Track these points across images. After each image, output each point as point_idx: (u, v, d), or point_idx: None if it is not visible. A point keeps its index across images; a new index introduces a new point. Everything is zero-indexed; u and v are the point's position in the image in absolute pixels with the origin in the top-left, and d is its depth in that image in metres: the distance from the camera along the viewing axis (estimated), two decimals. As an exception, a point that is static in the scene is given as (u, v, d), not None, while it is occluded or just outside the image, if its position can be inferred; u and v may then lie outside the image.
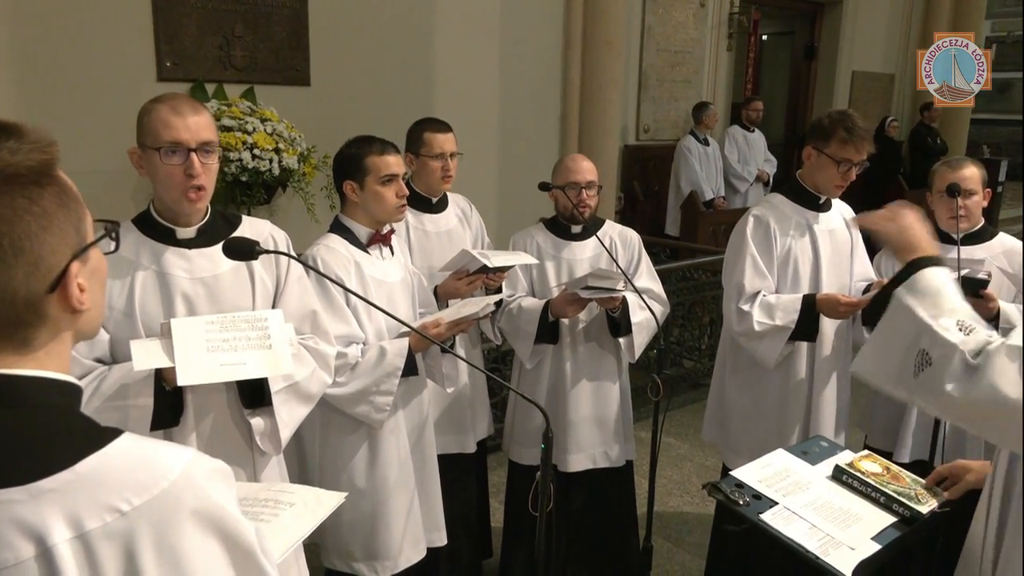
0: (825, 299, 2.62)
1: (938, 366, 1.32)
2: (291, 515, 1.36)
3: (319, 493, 1.46)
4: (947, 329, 1.34)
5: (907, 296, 1.44)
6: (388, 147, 2.36)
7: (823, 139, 2.64)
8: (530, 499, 1.72)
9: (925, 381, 1.34)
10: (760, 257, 2.70)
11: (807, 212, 2.76)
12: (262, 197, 4.21)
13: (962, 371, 1.28)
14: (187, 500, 0.82)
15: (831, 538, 1.73)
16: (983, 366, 1.26)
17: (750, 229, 2.73)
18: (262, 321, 1.74)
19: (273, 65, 4.61)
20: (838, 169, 2.62)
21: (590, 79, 6.08)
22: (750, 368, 2.81)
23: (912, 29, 9.81)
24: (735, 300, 2.71)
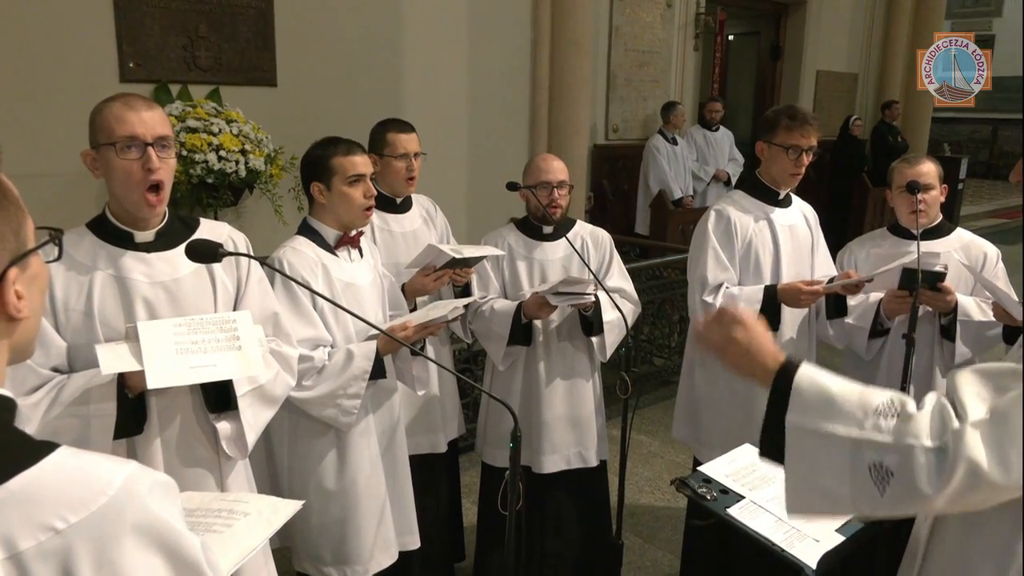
0: (787, 288, 2.68)
1: (903, 472, 1.17)
2: (245, 525, 1.33)
3: (275, 502, 1.44)
4: (880, 430, 1.20)
5: (809, 422, 1.25)
6: (354, 147, 2.35)
7: (770, 130, 2.73)
8: (500, 499, 1.72)
9: (898, 494, 1.18)
10: (722, 250, 2.75)
11: (767, 207, 2.82)
12: (229, 199, 4.18)
13: (932, 462, 1.15)
14: (127, 515, 0.79)
15: (796, 530, 1.76)
16: (953, 452, 1.14)
17: (712, 223, 2.78)
18: (231, 323, 1.73)
19: (239, 66, 4.57)
20: (788, 156, 2.69)
21: (559, 79, 6.11)
22: (717, 362, 2.84)
23: (874, 30, 9.98)
24: (699, 293, 2.76)
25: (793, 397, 1.28)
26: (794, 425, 1.27)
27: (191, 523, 1.30)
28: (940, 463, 1.14)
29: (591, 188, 7.05)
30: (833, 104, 9.69)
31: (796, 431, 1.26)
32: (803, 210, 2.93)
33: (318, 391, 2.23)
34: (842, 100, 9.84)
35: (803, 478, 1.27)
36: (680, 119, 7.16)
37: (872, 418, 1.20)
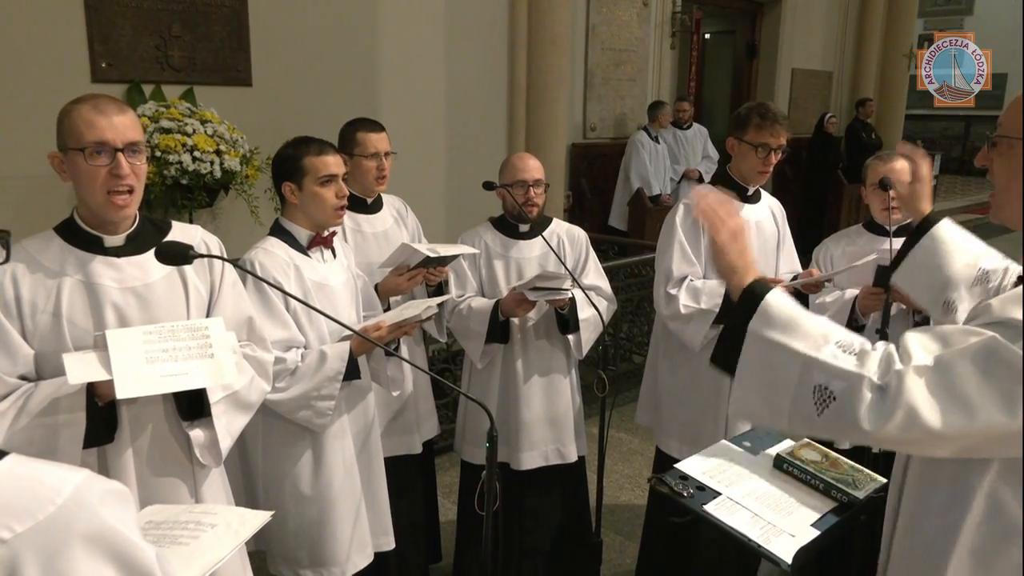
0: None
1: (845, 400, 1.23)
2: (212, 537, 1.32)
3: (243, 513, 1.43)
4: (836, 357, 1.26)
5: (768, 331, 1.32)
6: (326, 147, 2.33)
7: (741, 128, 2.75)
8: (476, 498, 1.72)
9: (832, 418, 1.25)
10: (688, 244, 2.77)
11: (737, 203, 2.83)
12: (204, 200, 4.14)
13: (874, 399, 1.21)
14: (77, 525, 0.78)
15: (772, 526, 1.77)
16: (894, 391, 1.20)
17: (679, 217, 2.81)
18: (203, 330, 1.70)
19: (213, 65, 4.52)
20: (757, 154, 2.72)
21: (536, 78, 6.11)
22: (680, 351, 2.87)
23: (848, 28, 10.08)
24: (663, 285, 2.79)
25: (761, 308, 1.34)
26: (755, 332, 1.33)
27: (157, 536, 1.29)
28: (881, 401, 1.20)
29: (569, 187, 7.07)
30: (808, 102, 9.78)
31: (755, 338, 1.33)
32: (771, 206, 2.97)
33: (291, 393, 2.21)
34: (817, 98, 9.93)
35: (750, 383, 1.35)
36: (666, 119, 7.23)
37: (831, 346, 1.27)
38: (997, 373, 1.17)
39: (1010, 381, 1.16)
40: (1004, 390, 1.17)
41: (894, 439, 1.21)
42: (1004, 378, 1.17)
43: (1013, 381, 1.16)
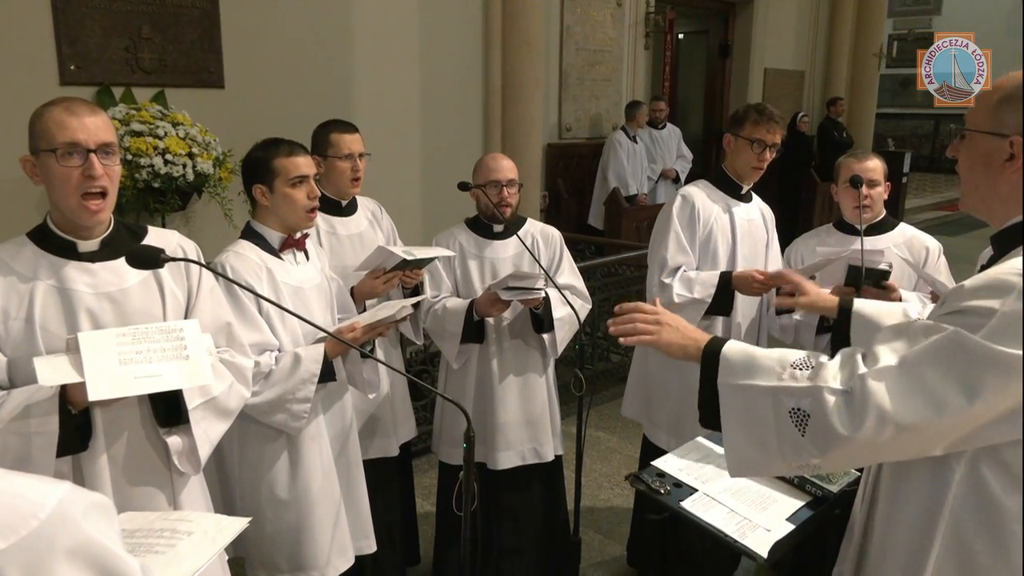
0: (741, 275, 2.75)
1: (816, 412, 1.30)
2: (189, 544, 1.30)
3: (219, 520, 1.42)
4: (796, 379, 1.33)
5: (735, 379, 1.40)
6: (296, 148, 2.32)
7: (739, 124, 2.83)
8: (454, 499, 1.72)
9: (815, 433, 1.30)
10: (684, 234, 2.82)
11: (729, 199, 2.91)
12: (177, 204, 4.10)
13: (841, 403, 1.27)
14: (61, 539, 0.77)
15: (748, 521, 1.79)
16: (860, 394, 1.25)
17: (677, 208, 2.86)
18: (177, 331, 1.68)
19: (184, 67, 4.48)
20: (752, 149, 2.79)
21: (511, 79, 6.12)
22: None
23: (819, 28, 10.20)
24: (657, 273, 2.83)
25: (722, 362, 1.44)
26: (723, 384, 1.42)
27: (132, 545, 1.27)
28: (848, 404, 1.26)
29: (546, 187, 7.08)
30: (781, 101, 9.87)
31: (725, 389, 1.42)
32: (761, 208, 3.03)
33: (266, 396, 2.20)
34: (789, 97, 10.04)
35: (736, 433, 1.41)
36: (643, 118, 7.28)
37: (789, 370, 1.35)
38: (957, 363, 1.21)
39: (970, 369, 1.21)
40: (964, 380, 1.21)
41: (873, 441, 1.25)
42: (965, 367, 1.21)
43: (975, 369, 1.20)
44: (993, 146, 1.37)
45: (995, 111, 1.37)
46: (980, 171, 1.40)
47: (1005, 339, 1.19)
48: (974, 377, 1.20)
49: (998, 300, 1.22)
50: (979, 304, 1.23)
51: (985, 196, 1.42)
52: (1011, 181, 1.37)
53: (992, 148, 1.37)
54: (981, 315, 1.22)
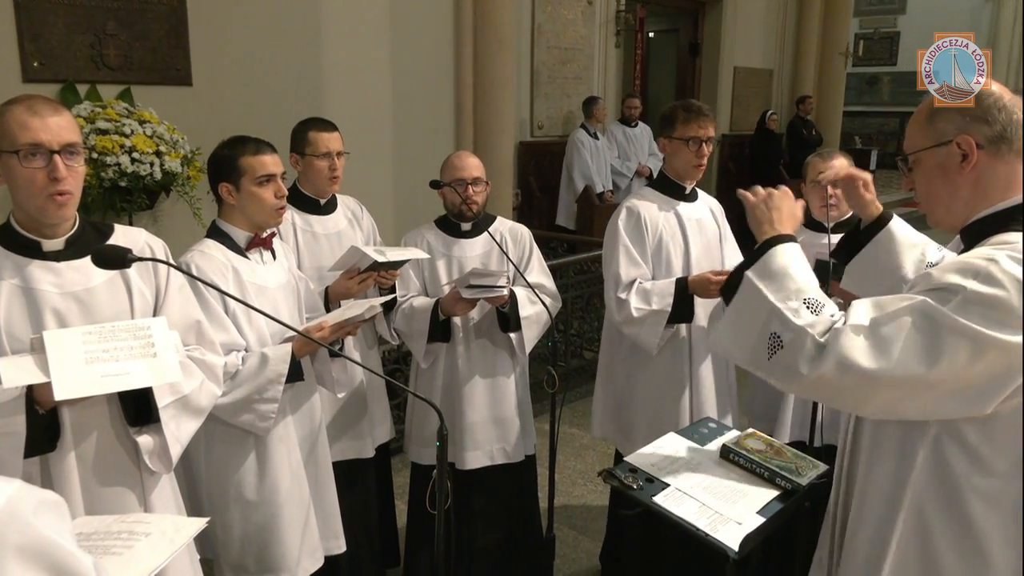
0: (697, 280, 2.74)
1: (789, 349, 1.37)
2: (146, 546, 1.29)
3: (177, 520, 1.41)
4: (796, 312, 1.39)
5: (756, 278, 1.47)
6: (263, 146, 2.30)
7: (669, 126, 2.80)
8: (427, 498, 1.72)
9: (777, 363, 1.39)
10: (633, 246, 2.79)
11: (674, 202, 2.88)
12: (144, 203, 4.04)
13: (813, 351, 1.34)
14: (10, 537, 0.76)
15: (719, 515, 1.81)
16: (830, 344, 1.33)
17: (622, 221, 2.83)
18: (144, 329, 1.66)
19: (151, 64, 4.41)
20: (689, 148, 2.77)
21: (482, 77, 6.11)
22: (634, 355, 2.89)
23: (787, 27, 10.32)
24: (613, 290, 2.80)
25: (763, 257, 1.50)
26: (747, 277, 1.48)
27: (88, 547, 1.26)
28: (817, 351, 1.34)
29: (518, 185, 7.09)
30: (750, 99, 9.98)
31: (746, 282, 1.48)
32: (709, 204, 3.01)
33: (233, 397, 2.18)
34: (759, 95, 10.15)
35: (733, 319, 1.51)
36: (602, 113, 7.25)
37: (797, 301, 1.41)
38: (922, 328, 1.29)
39: (933, 336, 1.28)
40: (926, 343, 1.28)
41: (825, 384, 1.35)
42: (927, 333, 1.29)
43: (935, 336, 1.28)
44: (943, 156, 1.45)
45: (929, 126, 1.47)
46: (939, 183, 1.48)
47: (968, 315, 1.27)
48: (934, 341, 1.28)
49: (966, 280, 1.29)
50: (949, 282, 1.30)
51: (949, 204, 1.49)
52: (971, 179, 1.44)
53: (943, 158, 1.45)
54: (950, 291, 1.29)
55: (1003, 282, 1.27)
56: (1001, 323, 1.26)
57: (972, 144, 1.41)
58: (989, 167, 1.42)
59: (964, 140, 1.41)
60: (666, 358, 2.85)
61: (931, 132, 1.46)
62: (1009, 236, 1.38)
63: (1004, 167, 1.43)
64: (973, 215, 1.46)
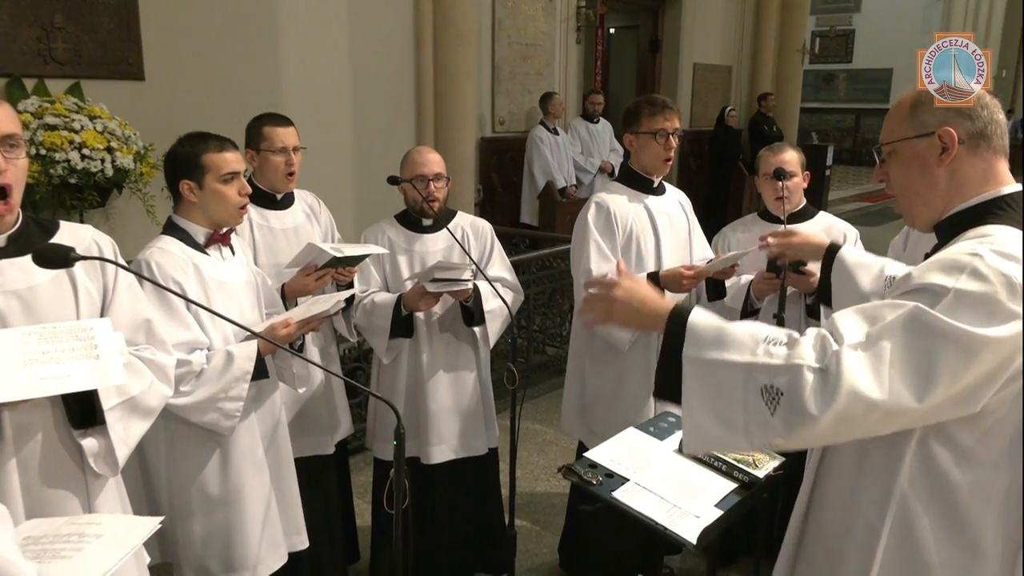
0: (668, 274, 2.75)
1: (791, 392, 1.26)
2: (97, 547, 1.26)
3: (130, 520, 1.37)
4: (771, 355, 1.30)
5: (704, 353, 1.34)
6: (226, 144, 2.26)
7: (634, 121, 2.80)
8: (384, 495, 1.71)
9: (786, 414, 1.27)
10: (604, 242, 2.78)
11: (643, 196, 2.88)
12: (95, 200, 3.95)
13: (817, 383, 1.25)
14: None
15: (678, 508, 1.82)
16: (832, 370, 1.24)
17: (591, 216, 2.82)
18: (87, 331, 1.61)
19: (100, 58, 4.31)
20: (657, 141, 2.77)
21: (443, 72, 6.08)
22: (606, 352, 2.90)
23: (746, 24, 10.44)
24: (585, 287, 2.78)
25: (688, 332, 1.36)
26: (690, 357, 1.35)
27: (37, 551, 1.22)
28: (823, 383, 1.24)
29: (480, 181, 7.07)
30: (710, 95, 10.08)
31: (692, 363, 1.35)
32: (678, 198, 3.01)
33: (197, 396, 2.14)
34: (718, 91, 10.25)
35: (698, 409, 1.35)
36: (559, 109, 7.26)
37: (763, 345, 1.31)
38: (922, 339, 1.25)
39: (932, 346, 1.25)
40: (927, 356, 1.25)
41: (844, 420, 1.25)
42: (927, 343, 1.25)
43: (935, 346, 1.25)
44: (924, 147, 1.45)
45: (912, 117, 1.47)
46: (917, 175, 1.47)
47: (958, 315, 1.25)
48: (933, 352, 1.24)
49: (953, 278, 1.28)
50: (935, 282, 1.29)
51: (927, 197, 1.48)
52: (948, 173, 1.45)
53: (923, 149, 1.45)
54: (937, 292, 1.28)
55: (989, 277, 1.27)
56: (991, 317, 1.25)
57: (954, 137, 1.41)
58: (966, 162, 1.43)
59: (946, 132, 1.42)
60: (637, 354, 2.86)
61: (913, 123, 1.46)
62: (986, 229, 1.39)
63: (981, 163, 1.44)
64: (949, 209, 1.47)
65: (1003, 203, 1.43)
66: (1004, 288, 1.26)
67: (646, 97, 2.84)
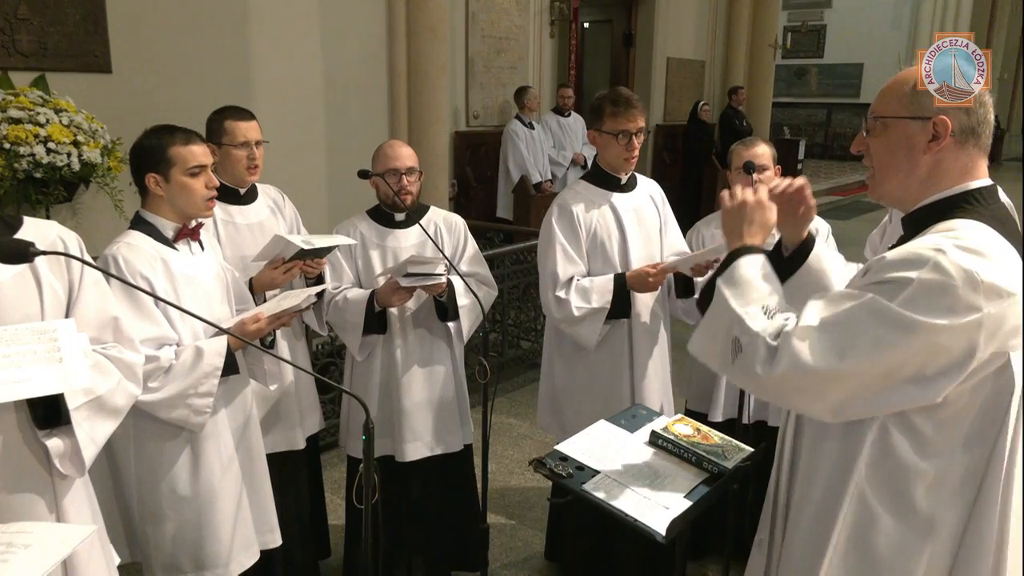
0: (634, 276, 2.76)
1: (746, 352, 1.42)
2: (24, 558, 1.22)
3: (63, 529, 1.34)
4: (753, 317, 1.43)
5: (723, 287, 1.51)
6: (192, 136, 2.24)
7: (598, 119, 2.77)
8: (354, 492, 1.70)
9: (738, 367, 1.45)
10: (568, 244, 2.78)
11: (609, 193, 2.87)
12: (62, 195, 3.88)
13: (766, 354, 1.39)
14: None
15: (648, 500, 1.84)
16: (781, 346, 1.37)
17: (555, 218, 2.81)
18: (50, 332, 1.58)
19: (66, 51, 4.23)
20: (619, 141, 2.74)
21: (416, 66, 6.06)
22: (575, 350, 2.90)
23: (719, 18, 10.51)
24: (551, 289, 2.77)
25: (730, 267, 1.54)
26: (718, 286, 1.54)
27: None
28: (770, 356, 1.39)
29: (454, 175, 7.05)
30: (683, 90, 10.13)
31: (717, 291, 1.54)
32: (649, 191, 2.99)
33: (166, 392, 2.12)
34: (691, 86, 10.31)
35: (706, 325, 1.57)
36: (534, 103, 7.27)
37: (756, 307, 1.46)
38: (871, 325, 1.32)
39: (882, 331, 1.31)
40: (874, 340, 1.31)
41: (782, 385, 1.40)
42: (876, 329, 1.31)
43: (885, 331, 1.31)
44: (915, 129, 1.46)
45: (912, 98, 1.47)
46: (902, 156, 1.48)
47: (917, 307, 1.29)
48: (884, 338, 1.31)
49: (915, 271, 1.31)
50: (898, 275, 1.33)
51: (904, 180, 1.50)
52: (932, 161, 1.46)
53: (914, 132, 1.46)
54: (900, 284, 1.31)
55: (950, 271, 1.29)
56: (950, 310, 1.29)
57: (948, 127, 1.43)
58: (952, 154, 1.45)
59: (941, 121, 1.43)
60: (606, 352, 2.87)
61: (912, 103, 1.46)
62: (953, 223, 1.41)
63: (964, 158, 1.46)
64: (924, 198, 1.49)
65: (972, 197, 1.45)
66: (965, 282, 1.29)
67: (610, 94, 2.76)
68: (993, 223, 1.41)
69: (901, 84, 1.49)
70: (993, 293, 1.30)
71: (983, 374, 1.37)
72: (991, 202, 1.46)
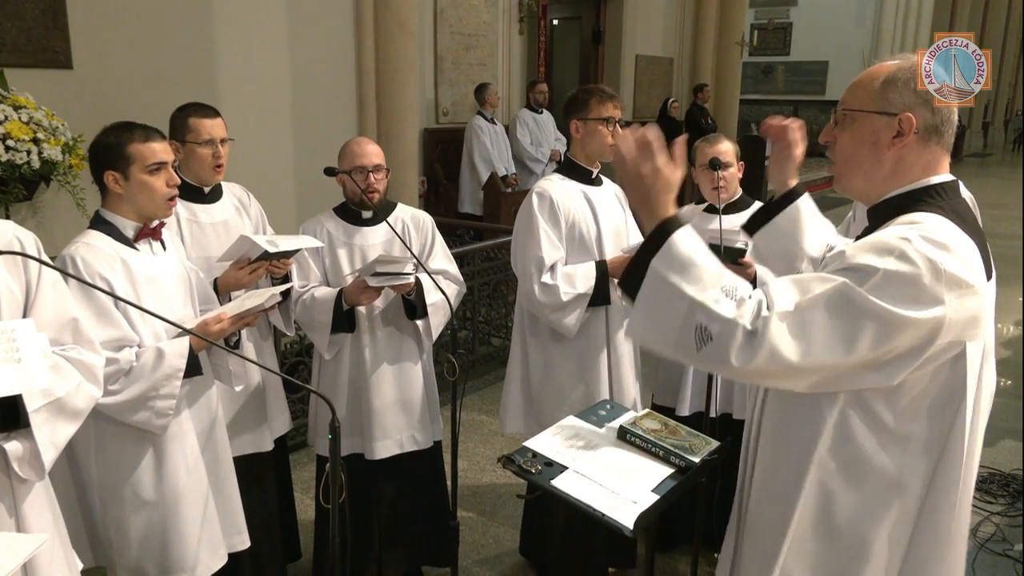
0: (615, 262, 2.80)
1: (720, 341, 1.36)
2: None
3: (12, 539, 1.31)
4: (718, 302, 1.37)
5: (665, 270, 1.42)
6: (152, 133, 2.20)
7: (583, 108, 2.82)
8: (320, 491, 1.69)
9: (708, 355, 1.38)
10: (551, 230, 2.80)
11: (584, 186, 2.90)
12: (21, 193, 3.81)
13: (744, 342, 1.34)
14: None
15: (616, 495, 1.84)
16: (760, 334, 1.33)
17: (536, 205, 2.82)
18: (8, 332, 1.55)
19: (25, 46, 4.15)
20: (607, 128, 2.80)
21: (384, 62, 6.02)
22: (552, 342, 2.91)
23: (686, 16, 10.58)
24: (536, 275, 2.77)
25: (665, 246, 1.44)
26: (655, 269, 1.43)
27: None
28: (749, 343, 1.34)
29: (424, 172, 7.03)
30: (652, 87, 10.20)
31: (655, 275, 1.43)
32: (614, 190, 3.03)
33: (127, 394, 2.08)
34: (660, 83, 10.38)
35: (648, 310, 1.46)
36: (495, 98, 7.25)
37: (716, 291, 1.39)
38: (842, 312, 1.34)
39: (851, 320, 1.33)
40: (845, 329, 1.33)
41: (757, 373, 1.37)
42: (847, 317, 1.34)
43: (854, 320, 1.33)
44: (881, 124, 1.49)
45: (880, 93, 1.49)
46: (867, 149, 1.51)
47: (884, 295, 1.32)
48: (854, 326, 1.33)
49: (882, 260, 1.34)
50: (865, 263, 1.35)
51: (869, 173, 1.53)
52: (896, 157, 1.49)
53: (880, 126, 1.49)
54: (867, 272, 1.34)
55: (916, 261, 1.33)
56: (915, 300, 1.32)
57: (912, 125, 1.46)
58: (914, 151, 1.49)
59: (907, 118, 1.46)
60: (584, 343, 2.88)
61: (880, 98, 1.49)
62: (916, 216, 1.45)
63: (927, 155, 1.50)
64: (888, 192, 1.52)
65: (934, 191, 1.49)
66: (929, 272, 1.33)
67: (593, 86, 2.87)
68: (954, 217, 1.45)
69: (871, 79, 1.52)
70: (954, 284, 1.34)
71: (940, 360, 1.41)
72: (952, 197, 1.50)
